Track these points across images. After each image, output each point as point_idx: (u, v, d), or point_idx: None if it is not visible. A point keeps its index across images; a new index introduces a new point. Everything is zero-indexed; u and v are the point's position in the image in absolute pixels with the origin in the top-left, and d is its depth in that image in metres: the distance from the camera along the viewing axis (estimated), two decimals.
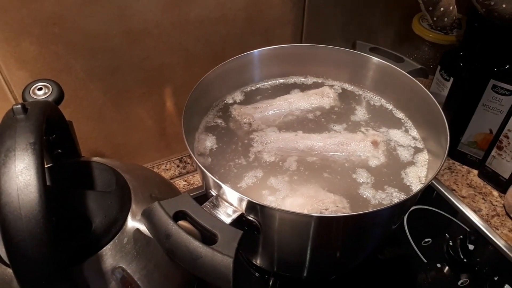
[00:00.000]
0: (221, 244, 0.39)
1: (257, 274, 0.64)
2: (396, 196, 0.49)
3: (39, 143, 0.36)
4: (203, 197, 0.48)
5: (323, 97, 0.63)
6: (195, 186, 0.79)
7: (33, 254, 0.33)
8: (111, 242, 0.43)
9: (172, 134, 0.77)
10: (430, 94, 0.53)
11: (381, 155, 0.55)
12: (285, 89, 0.66)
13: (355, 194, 0.50)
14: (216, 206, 0.44)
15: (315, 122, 0.60)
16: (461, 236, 0.65)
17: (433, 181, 0.60)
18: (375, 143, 0.56)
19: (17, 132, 0.37)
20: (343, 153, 0.55)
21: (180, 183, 0.79)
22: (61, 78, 0.59)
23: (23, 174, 0.34)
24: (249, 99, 0.64)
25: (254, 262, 0.63)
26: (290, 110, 0.62)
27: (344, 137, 0.57)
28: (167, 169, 0.80)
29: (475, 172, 0.79)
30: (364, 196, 0.50)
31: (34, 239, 0.33)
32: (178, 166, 0.81)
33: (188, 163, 0.81)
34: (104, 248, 0.42)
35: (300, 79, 0.67)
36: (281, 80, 0.67)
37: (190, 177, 0.81)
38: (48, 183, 0.39)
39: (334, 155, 0.55)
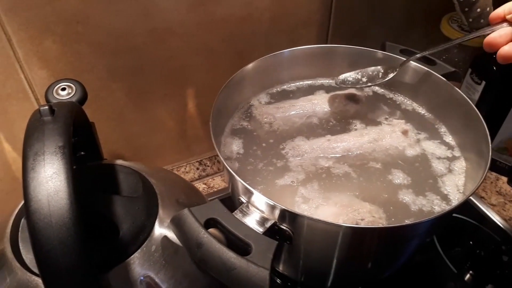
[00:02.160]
0: (255, 255, 0.38)
1: (278, 281, 0.62)
2: (437, 204, 0.47)
3: (68, 147, 0.35)
4: (225, 201, 0.46)
5: None
6: (215, 190, 0.77)
7: (64, 263, 0.31)
8: (139, 250, 0.41)
9: (193, 136, 0.76)
10: (468, 99, 0.51)
11: (414, 143, 0.55)
12: (312, 91, 0.64)
13: (394, 200, 0.48)
14: (246, 214, 0.43)
15: (339, 124, 0.58)
16: (493, 246, 0.63)
17: None
18: (405, 132, 0.55)
19: (45, 134, 0.35)
20: (382, 149, 0.53)
21: (199, 186, 0.78)
22: (83, 77, 0.57)
23: (53, 180, 0.32)
24: (274, 101, 0.62)
25: (277, 269, 0.61)
26: (313, 112, 0.60)
27: (374, 132, 0.55)
28: (187, 172, 0.78)
29: (504, 179, 0.76)
30: (404, 202, 0.48)
31: (65, 247, 0.31)
32: (197, 168, 0.79)
33: (208, 166, 0.80)
34: (132, 256, 0.41)
35: (327, 81, 0.65)
36: (308, 82, 0.65)
37: (210, 180, 0.79)
38: None
39: (373, 152, 0.53)
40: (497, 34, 0.45)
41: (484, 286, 0.61)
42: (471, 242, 0.67)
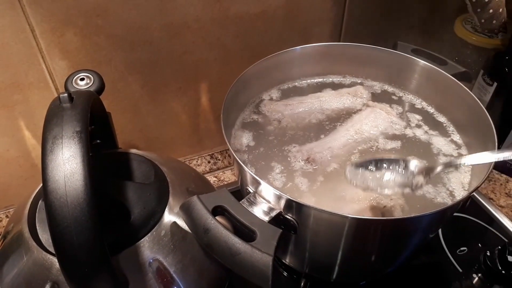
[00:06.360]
0: (260, 241, 0.39)
1: (285, 273, 0.63)
2: (441, 198, 0.48)
3: (85, 132, 0.37)
4: (234, 194, 0.48)
5: (356, 97, 0.62)
6: (225, 183, 0.79)
7: (78, 241, 0.33)
8: (149, 234, 0.43)
9: (205, 130, 0.77)
10: (477, 99, 0.52)
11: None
12: (322, 88, 0.65)
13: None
14: (253, 203, 0.44)
15: (346, 121, 0.59)
16: (499, 247, 0.62)
17: None
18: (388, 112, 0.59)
19: (64, 120, 0.37)
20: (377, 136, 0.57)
21: (210, 179, 0.79)
22: (101, 69, 0.59)
23: (70, 162, 0.34)
24: (285, 97, 0.64)
25: (284, 261, 0.62)
26: (321, 109, 0.61)
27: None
28: (198, 165, 0.80)
29: None
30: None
31: (79, 226, 0.33)
32: (209, 162, 0.81)
33: (219, 160, 0.81)
34: (142, 239, 0.42)
35: (338, 79, 0.66)
36: (319, 79, 0.66)
37: (220, 173, 0.81)
38: None
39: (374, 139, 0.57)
40: None
41: (490, 287, 0.61)
42: (479, 244, 0.67)
